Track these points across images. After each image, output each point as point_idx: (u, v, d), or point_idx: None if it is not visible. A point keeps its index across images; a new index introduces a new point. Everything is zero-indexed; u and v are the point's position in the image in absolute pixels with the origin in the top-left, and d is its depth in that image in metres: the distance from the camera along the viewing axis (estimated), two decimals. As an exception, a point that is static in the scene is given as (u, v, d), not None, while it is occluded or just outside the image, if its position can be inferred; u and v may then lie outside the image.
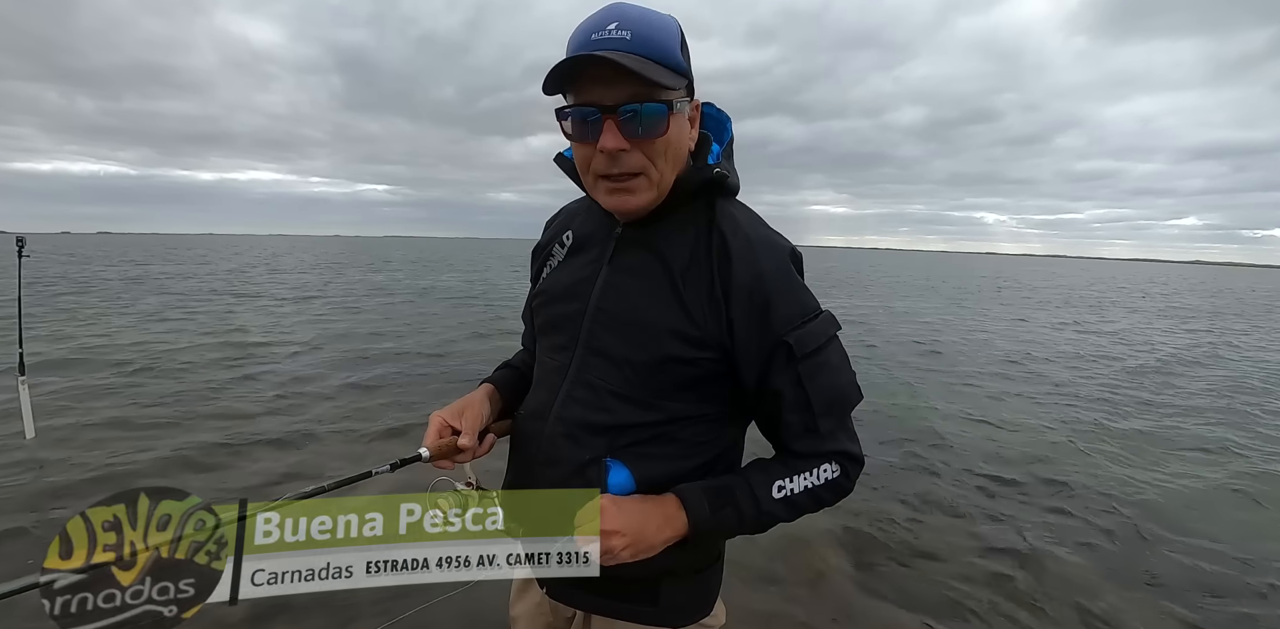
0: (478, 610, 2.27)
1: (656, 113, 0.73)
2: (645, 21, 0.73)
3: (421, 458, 0.83)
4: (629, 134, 0.73)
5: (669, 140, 0.76)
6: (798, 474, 0.81)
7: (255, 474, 3.50)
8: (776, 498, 0.79)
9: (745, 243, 0.80)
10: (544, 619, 0.99)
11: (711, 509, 0.77)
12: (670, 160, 0.79)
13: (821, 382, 0.80)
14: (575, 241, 0.93)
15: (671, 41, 0.74)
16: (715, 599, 0.95)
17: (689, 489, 0.79)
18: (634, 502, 0.77)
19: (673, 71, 0.74)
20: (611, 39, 0.71)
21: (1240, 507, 3.56)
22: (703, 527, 0.77)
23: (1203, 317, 15.83)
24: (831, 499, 0.84)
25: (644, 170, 0.77)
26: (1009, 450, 4.35)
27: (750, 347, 0.79)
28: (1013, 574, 2.69)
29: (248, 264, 27.54)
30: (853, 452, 0.84)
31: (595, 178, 0.79)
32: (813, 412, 0.80)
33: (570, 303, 0.88)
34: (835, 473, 0.83)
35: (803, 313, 0.80)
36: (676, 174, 0.81)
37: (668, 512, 0.77)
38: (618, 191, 0.79)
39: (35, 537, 2.72)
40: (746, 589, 2.47)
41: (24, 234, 3.99)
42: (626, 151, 0.75)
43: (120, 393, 5.15)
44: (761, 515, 0.79)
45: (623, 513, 0.74)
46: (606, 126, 0.73)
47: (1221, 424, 5.24)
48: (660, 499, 0.79)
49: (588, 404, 0.84)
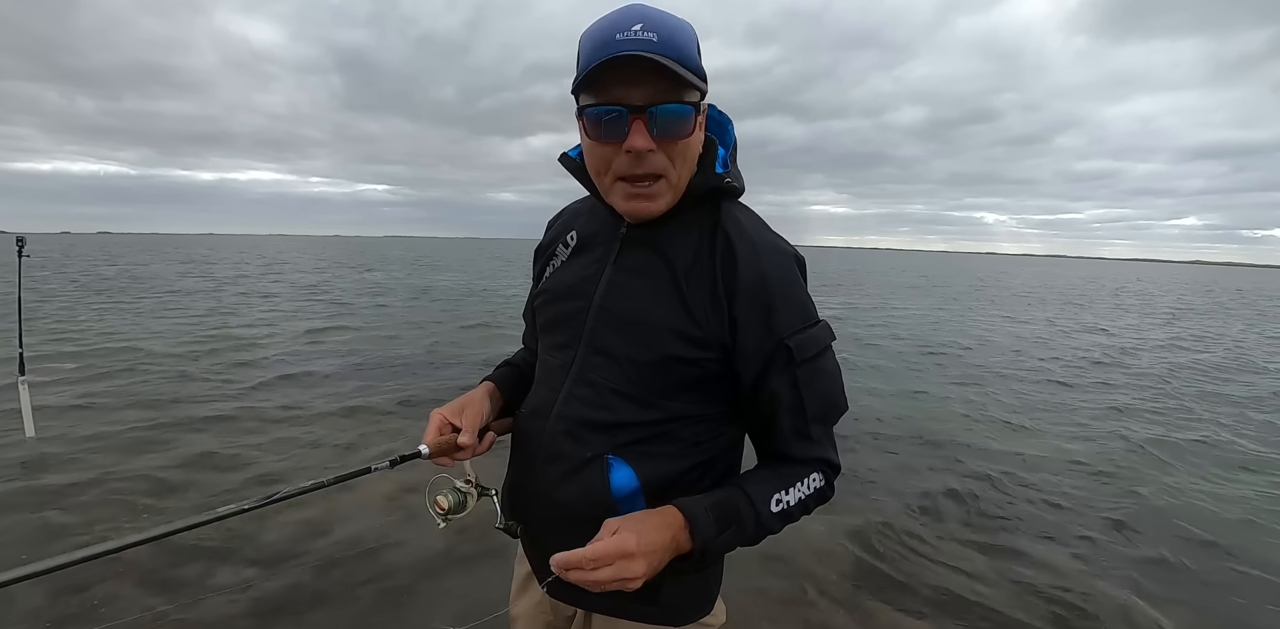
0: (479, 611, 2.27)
1: (684, 114, 0.73)
2: (669, 24, 0.72)
3: (421, 455, 0.83)
4: (655, 134, 0.73)
5: (689, 143, 0.77)
6: (792, 486, 0.81)
7: (254, 470, 3.50)
8: (775, 512, 0.79)
9: (750, 245, 0.81)
10: (544, 617, 0.99)
11: (718, 529, 0.75)
12: (688, 163, 0.79)
13: (817, 387, 0.81)
14: (579, 241, 0.94)
15: (692, 45, 0.74)
16: (716, 598, 0.95)
17: (694, 508, 0.75)
18: (653, 529, 0.71)
19: (692, 73, 0.73)
20: (638, 39, 0.70)
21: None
22: (710, 548, 0.75)
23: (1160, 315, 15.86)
24: (815, 507, 0.85)
25: (665, 173, 0.77)
26: (1009, 451, 4.36)
27: (750, 347, 0.79)
28: (1014, 575, 2.69)
29: (248, 264, 27.57)
30: (835, 460, 0.86)
31: (614, 179, 0.78)
32: (806, 416, 0.81)
33: (573, 301, 0.88)
34: (821, 482, 0.84)
35: (805, 318, 0.81)
36: (690, 175, 0.81)
37: (675, 534, 0.72)
38: (637, 197, 0.78)
39: (36, 537, 2.73)
40: (747, 588, 2.47)
41: (24, 234, 4.00)
42: (653, 152, 0.74)
43: (120, 392, 5.15)
44: (760, 530, 0.79)
45: (642, 543, 0.68)
46: (635, 126, 0.72)
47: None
48: (668, 519, 0.73)
49: (589, 402, 0.84)
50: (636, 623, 0.89)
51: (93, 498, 3.11)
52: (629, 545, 0.66)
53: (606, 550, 0.65)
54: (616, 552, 0.66)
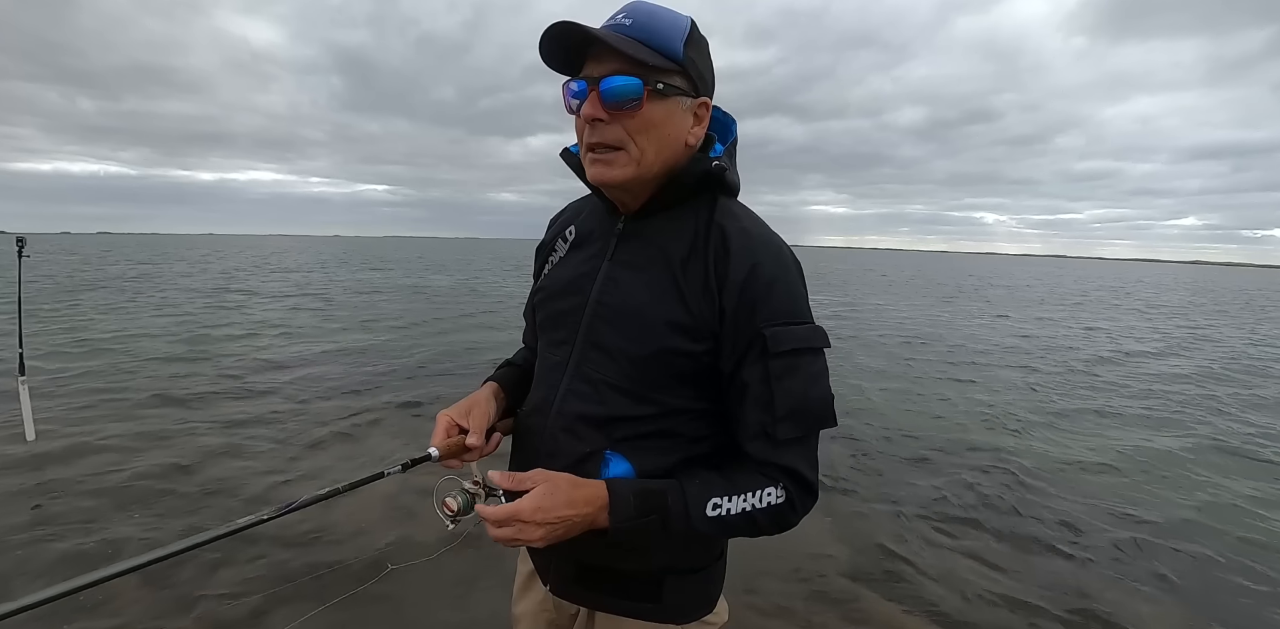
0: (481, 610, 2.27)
1: (630, 85, 0.77)
2: (651, 13, 0.79)
3: (431, 458, 0.84)
4: (607, 105, 0.77)
5: (650, 119, 0.79)
6: (738, 494, 0.77)
7: (255, 470, 3.51)
8: (709, 515, 0.76)
9: (744, 237, 0.82)
10: (547, 616, 0.99)
11: (637, 515, 0.75)
12: (654, 141, 0.80)
13: (790, 385, 0.78)
14: (577, 237, 0.95)
15: (673, 32, 0.78)
16: (718, 597, 0.95)
17: (621, 490, 0.76)
18: (562, 504, 0.73)
19: (661, 56, 0.77)
20: (615, 25, 0.78)
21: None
22: (623, 527, 0.74)
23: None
24: (770, 526, 0.79)
25: (623, 145, 0.80)
26: (1005, 450, 4.37)
27: (731, 337, 0.80)
28: (1016, 575, 2.69)
29: (248, 263, 27.56)
30: (805, 476, 0.79)
31: (585, 150, 0.83)
32: (774, 414, 0.78)
33: (570, 298, 0.89)
34: (779, 499, 0.78)
35: (791, 313, 0.80)
36: (665, 159, 0.82)
37: (594, 512, 0.74)
38: (598, 162, 0.82)
39: (36, 536, 2.73)
40: (750, 588, 2.47)
41: (24, 234, 4.01)
42: (605, 122, 0.79)
43: (121, 393, 5.15)
44: (690, 530, 0.76)
45: (538, 512, 0.72)
46: (590, 97, 0.78)
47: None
48: (590, 496, 0.75)
49: (586, 397, 0.85)
50: (639, 621, 0.89)
51: (93, 499, 3.11)
52: (522, 513, 0.71)
53: (499, 515, 0.72)
54: (511, 516, 0.72)
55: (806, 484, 0.80)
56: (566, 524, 0.73)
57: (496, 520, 0.72)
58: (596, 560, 0.87)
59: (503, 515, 0.72)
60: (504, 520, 0.72)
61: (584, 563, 0.89)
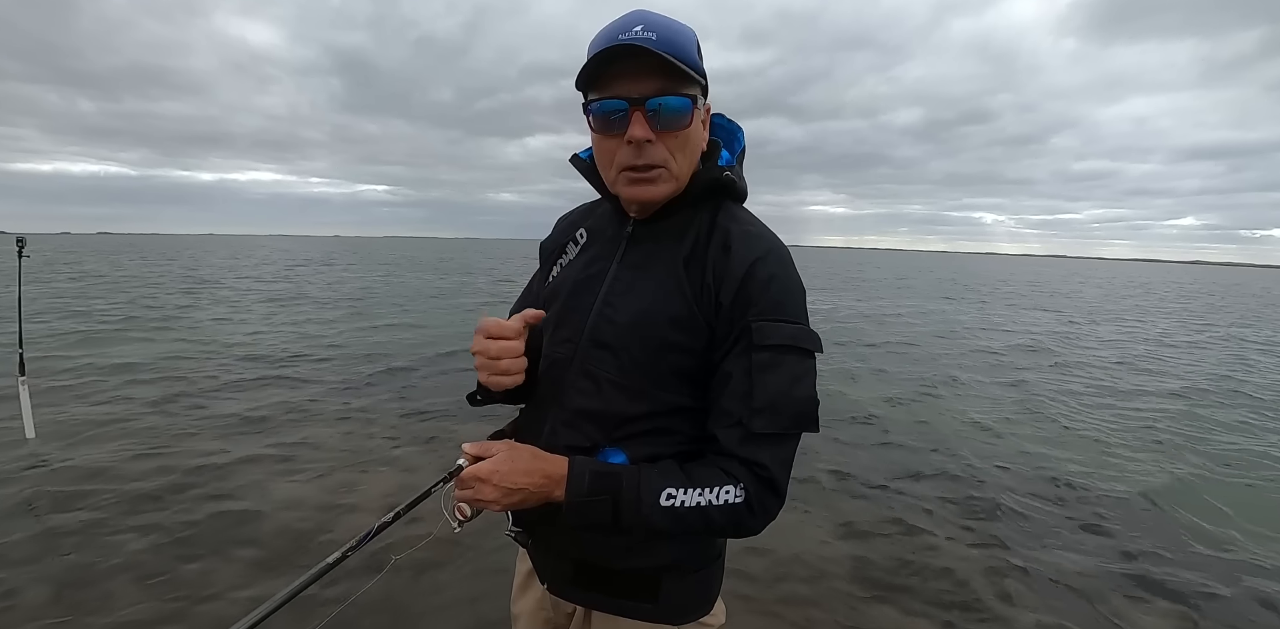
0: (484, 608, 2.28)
1: (682, 106, 0.77)
2: (668, 26, 0.78)
3: (463, 468, 0.82)
4: (655, 125, 0.77)
5: (689, 135, 0.81)
6: (694, 488, 0.76)
7: (256, 471, 3.50)
8: (662, 505, 0.75)
9: (745, 236, 0.84)
10: (545, 615, 1.00)
11: (589, 493, 0.76)
12: (688, 156, 0.83)
13: (771, 380, 0.77)
14: (588, 240, 0.97)
15: (691, 46, 0.79)
16: (716, 598, 0.96)
17: (579, 468, 0.78)
18: (520, 472, 0.76)
19: (693, 70, 0.78)
20: (639, 38, 0.75)
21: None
22: (574, 502, 0.76)
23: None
24: (725, 526, 0.77)
25: (665, 163, 0.81)
26: (1006, 449, 4.36)
27: (724, 329, 0.81)
28: (1016, 575, 2.69)
29: (249, 264, 27.56)
30: (774, 475, 0.76)
31: (619, 171, 0.82)
32: (751, 405, 0.76)
33: (579, 298, 0.90)
34: (737, 498, 0.75)
35: (782, 310, 0.80)
36: (691, 170, 0.84)
37: (551, 485, 0.77)
38: (640, 182, 0.82)
39: (36, 537, 2.73)
40: (747, 589, 2.47)
41: (24, 234, 4.02)
42: (652, 143, 0.78)
43: (121, 394, 5.16)
44: (639, 518, 0.75)
45: (495, 474, 0.76)
46: (635, 118, 0.77)
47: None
48: (549, 469, 0.78)
49: (588, 394, 0.86)
50: (637, 621, 0.89)
51: (93, 499, 3.11)
52: (480, 473, 0.76)
53: (463, 475, 0.77)
54: (470, 476, 0.77)
55: (772, 484, 0.77)
56: (523, 493, 0.76)
57: (463, 479, 0.77)
58: (594, 560, 0.88)
59: (464, 476, 0.77)
60: (464, 481, 0.77)
61: (581, 562, 0.89)
